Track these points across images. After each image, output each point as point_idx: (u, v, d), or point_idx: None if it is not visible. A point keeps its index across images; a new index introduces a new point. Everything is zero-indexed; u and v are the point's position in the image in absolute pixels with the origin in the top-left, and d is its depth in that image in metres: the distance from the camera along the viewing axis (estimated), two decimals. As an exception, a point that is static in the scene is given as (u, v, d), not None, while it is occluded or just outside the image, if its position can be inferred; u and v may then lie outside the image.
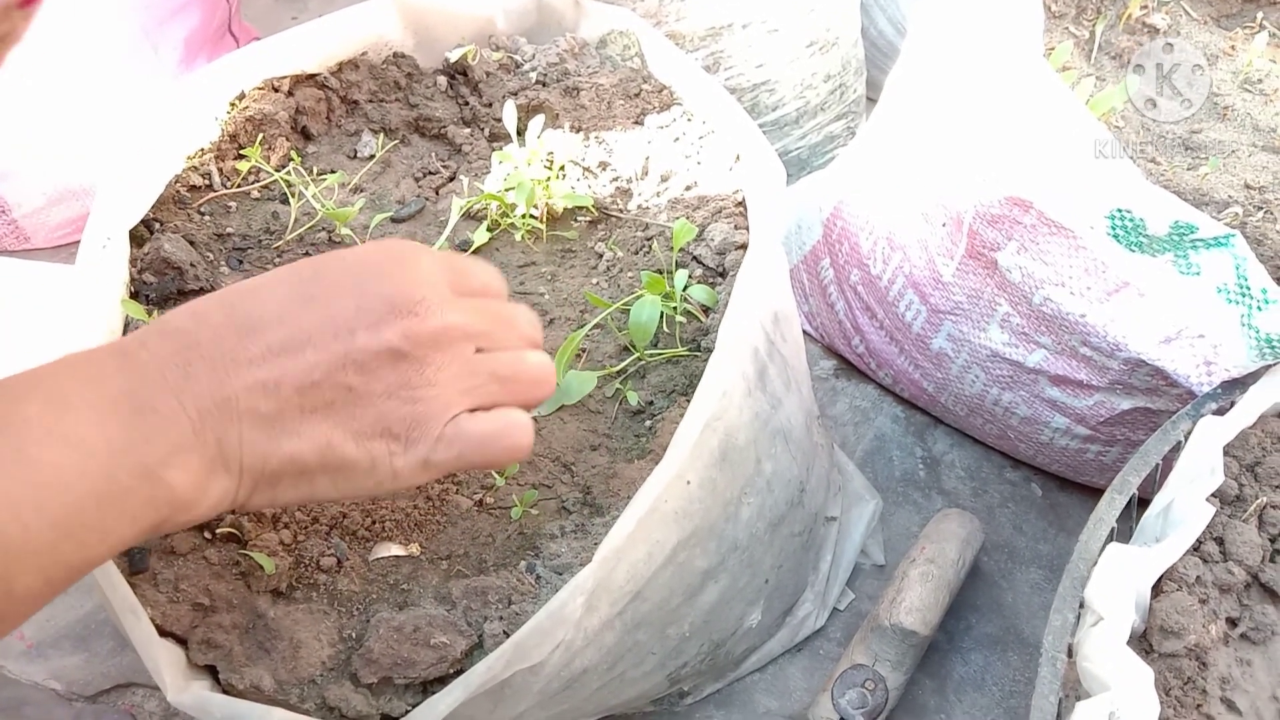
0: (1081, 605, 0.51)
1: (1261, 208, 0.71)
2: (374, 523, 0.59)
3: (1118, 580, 0.50)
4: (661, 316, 0.71)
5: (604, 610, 0.56)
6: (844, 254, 0.91)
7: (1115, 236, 0.63)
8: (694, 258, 0.74)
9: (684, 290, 0.70)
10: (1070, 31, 0.88)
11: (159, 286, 0.66)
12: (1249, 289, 0.59)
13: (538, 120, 0.80)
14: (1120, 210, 0.62)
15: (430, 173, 0.84)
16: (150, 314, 0.63)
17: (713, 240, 0.73)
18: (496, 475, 0.63)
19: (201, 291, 0.68)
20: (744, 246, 0.72)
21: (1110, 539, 0.54)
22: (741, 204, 0.76)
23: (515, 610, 0.54)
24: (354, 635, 0.54)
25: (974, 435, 0.92)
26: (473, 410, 0.46)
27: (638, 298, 0.69)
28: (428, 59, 0.90)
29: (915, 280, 0.83)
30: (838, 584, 0.80)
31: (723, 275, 0.73)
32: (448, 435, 0.45)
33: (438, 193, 0.83)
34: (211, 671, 0.52)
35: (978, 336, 0.79)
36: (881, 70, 1.19)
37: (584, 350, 0.71)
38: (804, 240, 0.98)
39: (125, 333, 0.64)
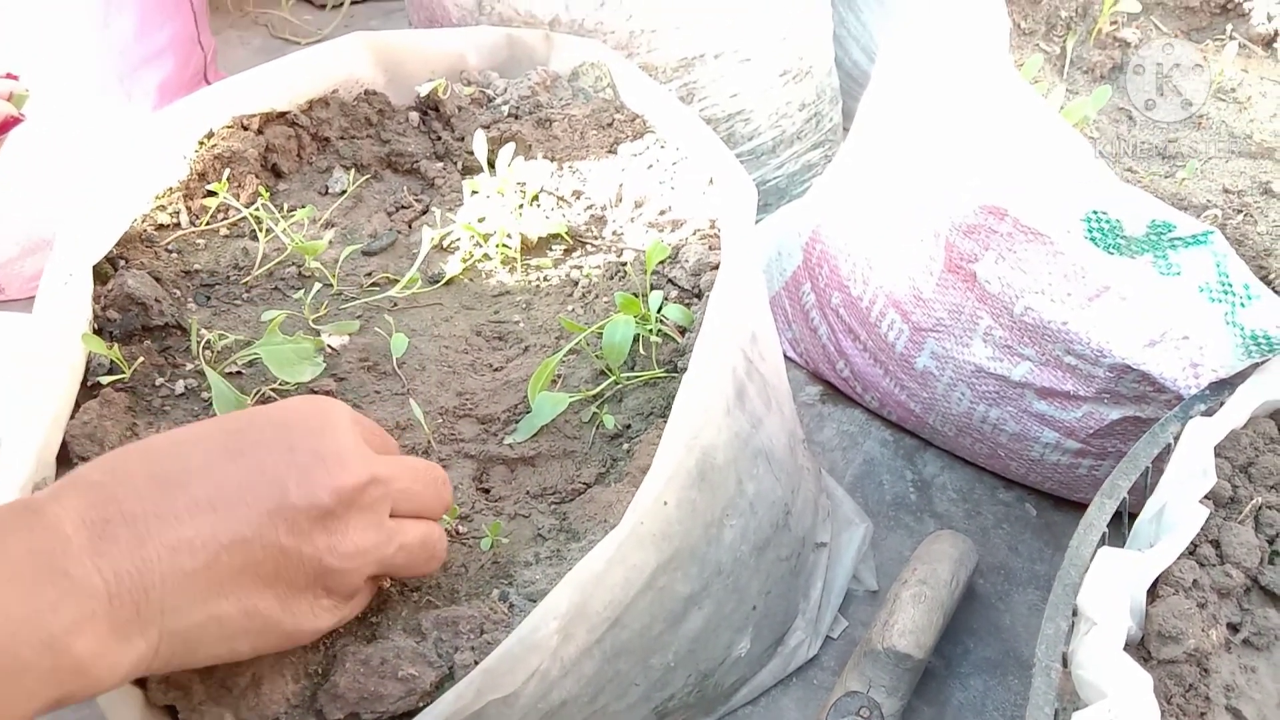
0: (1075, 612, 0.49)
1: (1241, 210, 0.70)
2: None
3: (1111, 585, 0.48)
4: (638, 339, 0.70)
5: (581, 638, 0.53)
6: (824, 277, 0.90)
7: (1093, 239, 0.62)
8: (669, 280, 0.73)
9: (659, 311, 0.69)
10: (1040, 47, 0.88)
11: (123, 323, 0.65)
12: (1231, 286, 0.58)
13: (508, 148, 0.79)
14: (1096, 212, 0.61)
15: (403, 207, 0.83)
16: (111, 349, 0.62)
17: (687, 261, 0.72)
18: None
19: (167, 328, 0.66)
20: (719, 267, 0.71)
21: (1102, 544, 0.52)
22: (716, 226, 0.76)
23: (488, 640, 0.52)
24: (319, 670, 0.51)
25: (964, 456, 0.90)
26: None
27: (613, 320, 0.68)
28: (399, 96, 0.90)
29: (896, 299, 0.82)
30: (830, 611, 0.78)
31: (698, 296, 0.72)
32: (361, 595, 0.50)
33: (410, 226, 0.82)
34: (171, 712, 0.50)
35: (961, 352, 0.78)
36: (856, 100, 1.18)
37: (560, 376, 0.70)
38: (784, 267, 0.97)
39: (87, 370, 0.62)
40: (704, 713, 0.72)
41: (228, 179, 0.76)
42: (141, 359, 0.63)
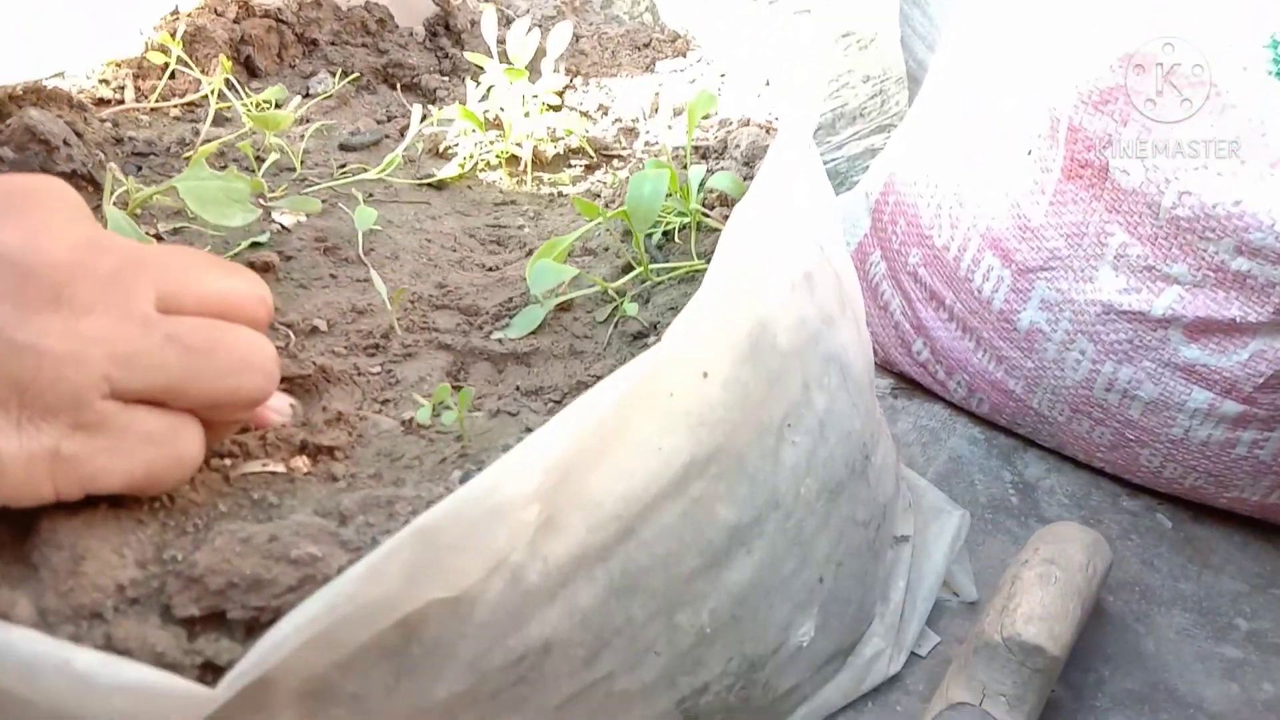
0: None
1: None
2: (239, 438, 0.41)
3: None
4: (671, 235, 0.55)
5: (575, 534, 0.36)
6: (899, 235, 0.75)
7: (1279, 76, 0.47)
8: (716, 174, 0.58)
9: (702, 185, 0.53)
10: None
11: (18, 163, 0.51)
12: None
13: (522, 22, 0.66)
14: (1288, 32, 0.46)
15: (396, 116, 0.70)
16: None
17: (738, 147, 0.58)
18: (421, 398, 0.45)
19: (75, 175, 0.52)
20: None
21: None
22: (771, 123, 0.61)
23: (436, 525, 0.35)
24: (180, 557, 0.34)
25: (1076, 456, 0.72)
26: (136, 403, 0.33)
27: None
28: (405, 18, 0.78)
29: (995, 237, 0.66)
30: (917, 619, 0.59)
31: (752, 186, 0.57)
32: (101, 419, 0.31)
33: (403, 134, 0.68)
34: (-61, 596, 0.33)
35: (1083, 291, 0.62)
36: (925, 96, 1.06)
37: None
38: (847, 241, 0.82)
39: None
40: (748, 734, 0.52)
41: (190, 53, 0.64)
42: (27, 198, 0.49)
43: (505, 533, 0.32)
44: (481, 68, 0.64)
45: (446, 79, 0.73)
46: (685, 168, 0.58)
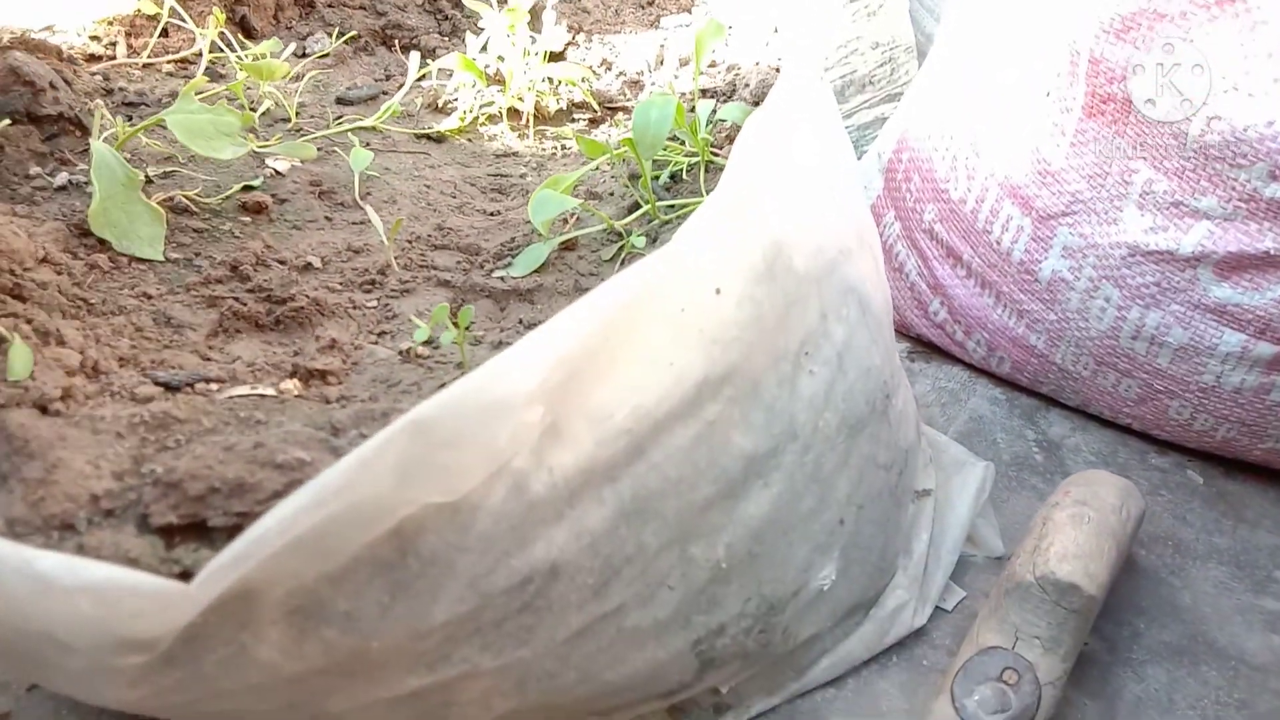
0: None
1: None
2: (228, 366, 0.39)
3: None
4: (679, 176, 0.53)
5: (583, 447, 0.34)
6: (913, 192, 0.73)
7: (1315, -20, 0.45)
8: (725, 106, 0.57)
9: (710, 120, 0.52)
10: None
11: (2, 105, 0.49)
12: None
13: (522, -27, 0.64)
14: (1321, -67, 0.44)
15: (394, 75, 0.68)
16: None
17: (748, 86, 0.56)
18: (418, 319, 0.43)
19: (63, 118, 0.50)
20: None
21: None
22: (779, 66, 0.59)
23: (433, 435, 0.33)
24: (160, 470, 0.32)
25: (1102, 414, 0.70)
26: None
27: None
28: (406, -16, 0.77)
29: (1013, 186, 0.64)
30: (941, 570, 0.56)
31: (761, 125, 0.55)
32: None
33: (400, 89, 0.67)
34: (-98, 508, 0.31)
35: (1106, 234, 0.59)
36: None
37: (574, 215, 0.52)
38: (859, 203, 0.80)
39: (-68, 140, 0.46)
40: (766, 687, 0.50)
41: (184, 8, 0.62)
42: (17, 145, 0.47)
43: (506, 433, 0.30)
44: (480, 15, 0.63)
45: (446, 39, 0.72)
46: (693, 110, 0.56)
